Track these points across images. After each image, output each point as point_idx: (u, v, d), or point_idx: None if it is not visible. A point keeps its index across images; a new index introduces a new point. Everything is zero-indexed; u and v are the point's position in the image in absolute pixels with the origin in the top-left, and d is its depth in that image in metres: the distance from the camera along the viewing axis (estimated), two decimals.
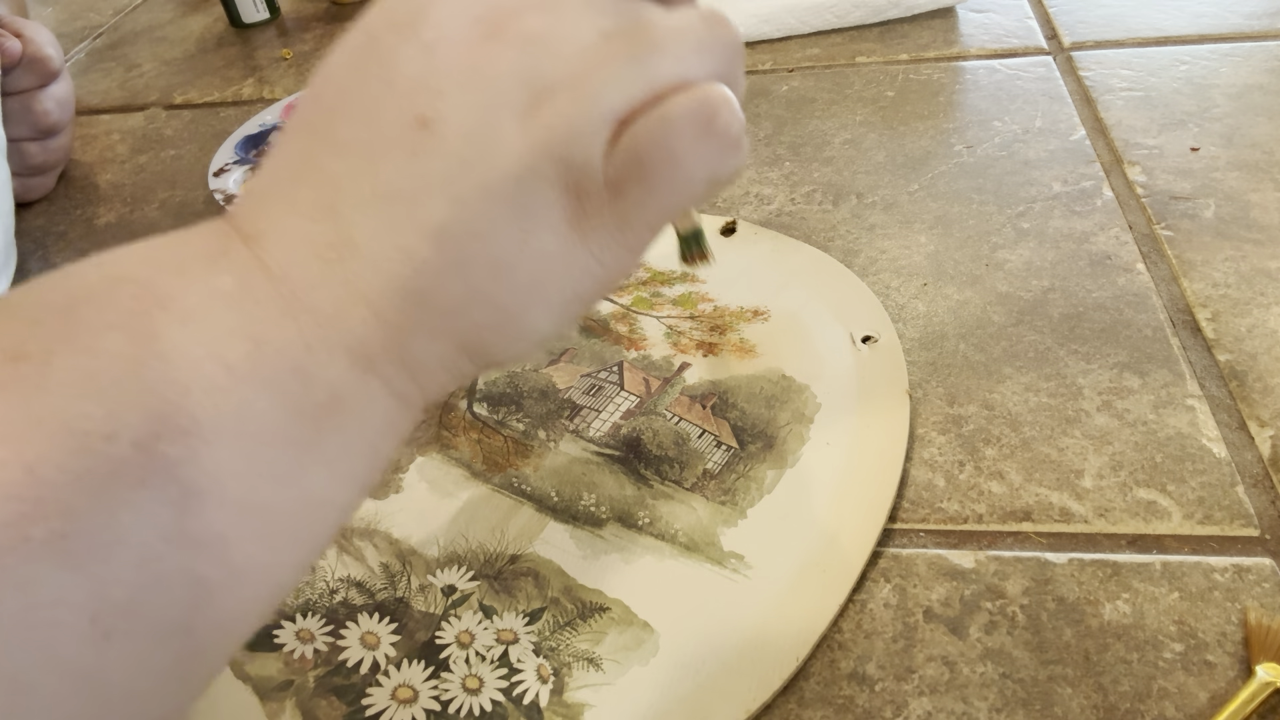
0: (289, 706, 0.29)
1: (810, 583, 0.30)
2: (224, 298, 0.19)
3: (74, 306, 0.18)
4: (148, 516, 0.17)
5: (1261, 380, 0.36)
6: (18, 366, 0.17)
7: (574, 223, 0.20)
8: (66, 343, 0.17)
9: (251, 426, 0.18)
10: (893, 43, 0.61)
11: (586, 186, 0.20)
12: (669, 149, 0.20)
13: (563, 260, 0.20)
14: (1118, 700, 0.27)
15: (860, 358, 0.38)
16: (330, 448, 0.19)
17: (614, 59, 0.20)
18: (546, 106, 0.19)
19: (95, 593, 0.16)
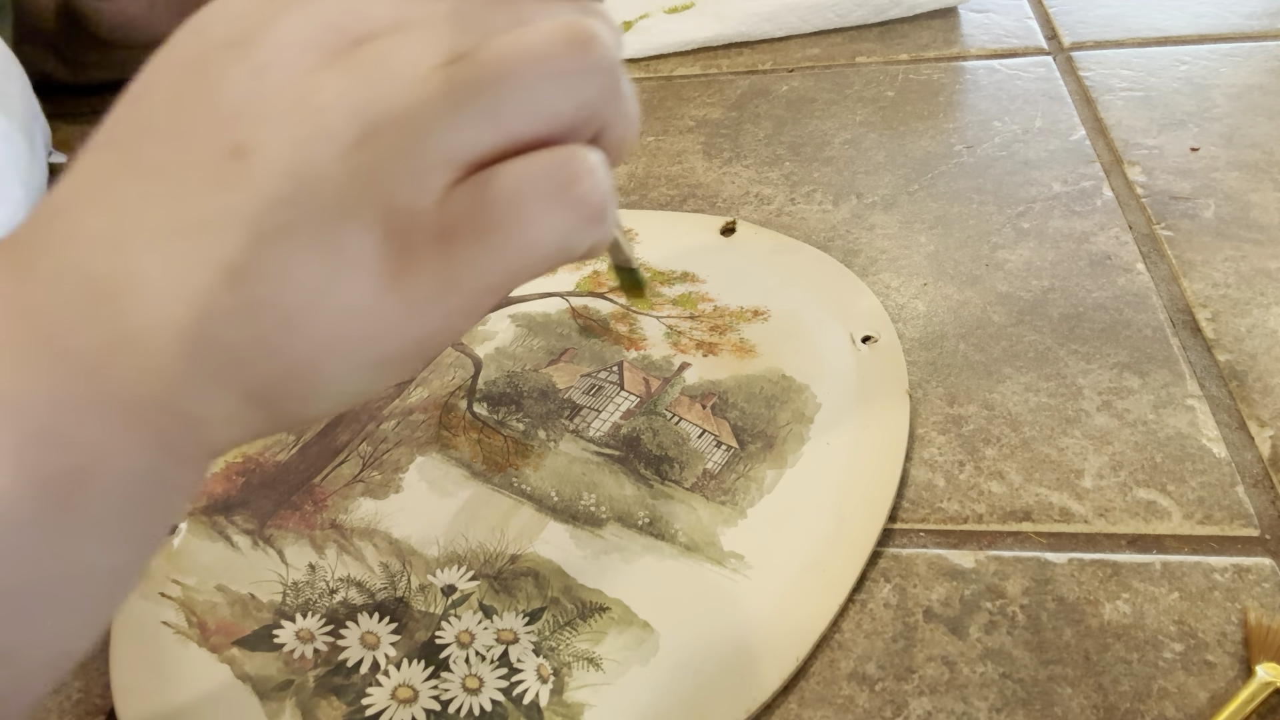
0: (289, 706, 0.29)
1: (810, 583, 0.30)
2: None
3: None
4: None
5: (1261, 380, 0.36)
6: None
7: (392, 276, 0.18)
8: None
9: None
10: (893, 43, 0.61)
11: (410, 237, 0.18)
12: (515, 208, 0.18)
13: (371, 316, 0.18)
14: (1118, 700, 0.27)
15: (860, 358, 0.38)
16: (90, 513, 0.17)
17: (454, 91, 0.18)
18: (374, 142, 0.17)
19: None
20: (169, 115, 0.18)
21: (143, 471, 0.18)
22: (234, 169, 0.17)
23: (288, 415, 0.19)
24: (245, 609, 0.31)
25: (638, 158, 0.53)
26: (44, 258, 0.17)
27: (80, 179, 0.18)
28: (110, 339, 0.17)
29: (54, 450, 0.17)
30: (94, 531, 0.17)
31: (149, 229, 0.17)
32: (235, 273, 0.17)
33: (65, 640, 0.18)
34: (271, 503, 0.35)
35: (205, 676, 0.29)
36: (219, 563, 0.33)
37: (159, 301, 0.17)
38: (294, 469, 0.36)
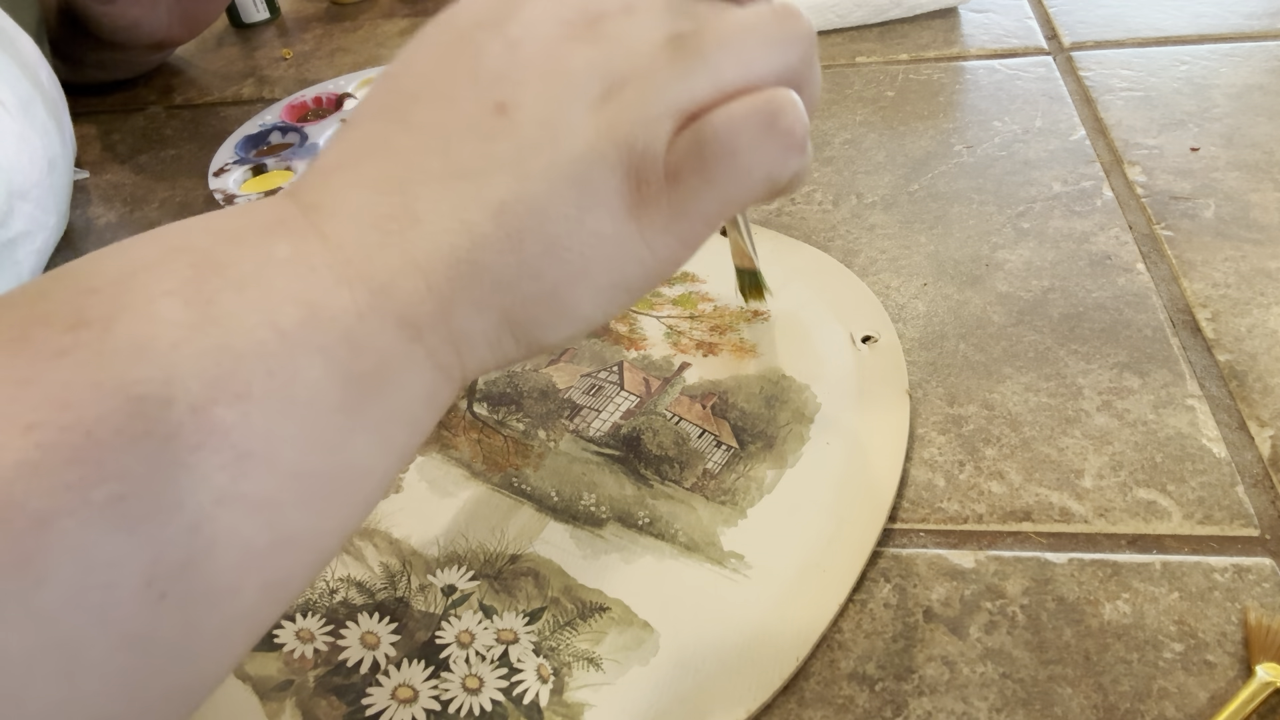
0: (289, 706, 0.29)
1: (810, 583, 0.30)
2: (279, 265, 0.19)
3: (132, 274, 0.18)
4: (202, 480, 0.17)
5: (1261, 380, 0.36)
6: (78, 333, 0.17)
7: (631, 209, 0.21)
8: (125, 309, 0.17)
9: (303, 392, 0.18)
10: (893, 43, 0.61)
11: (646, 174, 0.21)
12: (730, 142, 0.21)
13: (615, 244, 0.21)
14: (1118, 700, 0.27)
15: (860, 358, 0.38)
16: (375, 415, 0.20)
17: (683, 56, 0.21)
18: (616, 98, 0.21)
19: (152, 555, 0.16)
20: (435, 84, 0.21)
21: (418, 383, 0.20)
22: (498, 123, 0.20)
23: (534, 340, 0.22)
24: None
25: None
26: (332, 199, 0.20)
27: (350, 144, 0.21)
28: (398, 264, 0.20)
29: (354, 353, 0.19)
30: (376, 432, 0.20)
31: (427, 174, 0.20)
32: (503, 207, 0.20)
33: (333, 536, 0.20)
34: None
35: None
36: None
37: (438, 233, 0.20)
38: None
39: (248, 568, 0.18)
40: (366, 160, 0.21)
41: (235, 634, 0.19)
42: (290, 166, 0.54)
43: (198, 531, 0.17)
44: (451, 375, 0.21)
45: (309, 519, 0.19)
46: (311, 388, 0.18)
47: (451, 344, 0.21)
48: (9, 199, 0.44)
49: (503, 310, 0.21)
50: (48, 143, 0.48)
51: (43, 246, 0.47)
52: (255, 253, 0.19)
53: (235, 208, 0.21)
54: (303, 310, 0.19)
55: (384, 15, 0.77)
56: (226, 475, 0.17)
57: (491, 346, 0.21)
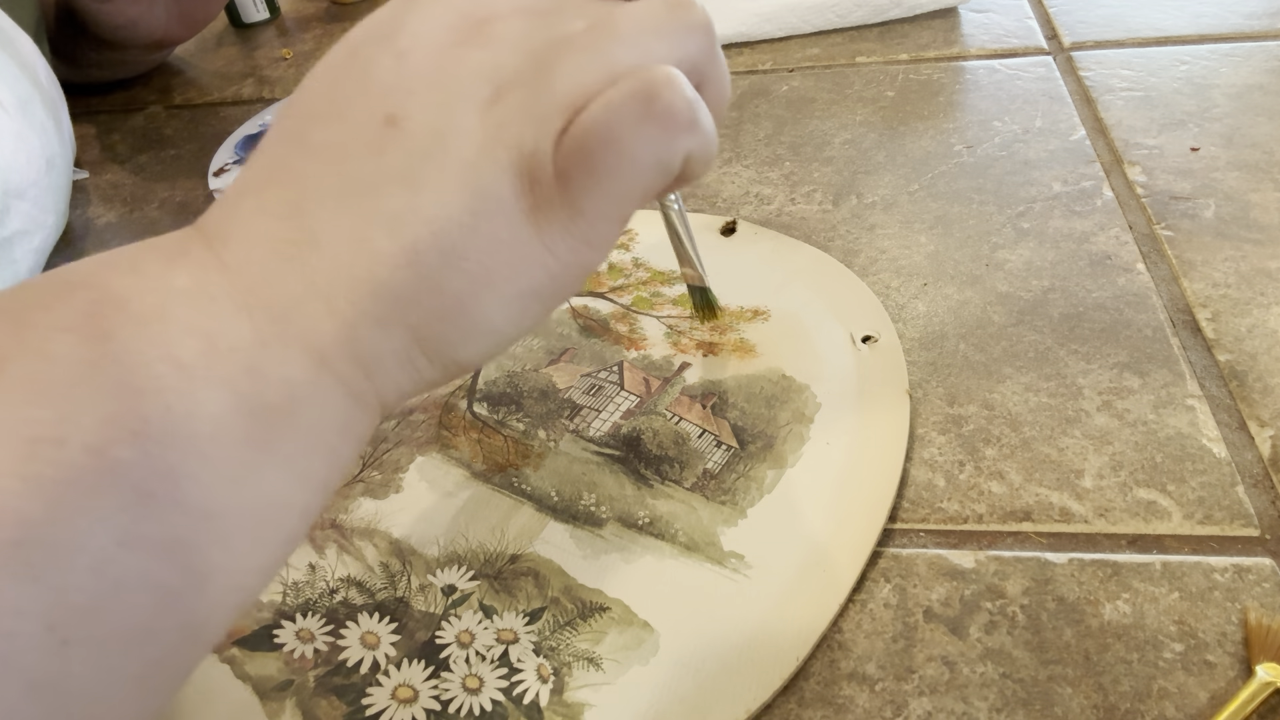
0: (289, 706, 0.29)
1: (810, 583, 0.30)
2: (178, 296, 0.19)
3: (26, 312, 0.18)
4: (103, 522, 0.16)
5: (1261, 380, 0.36)
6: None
7: (528, 213, 0.20)
8: (19, 348, 0.17)
9: (205, 428, 0.18)
10: (893, 43, 0.61)
11: (538, 175, 0.20)
12: (608, 131, 0.20)
13: (515, 249, 0.20)
14: (1118, 700, 0.27)
15: (860, 358, 0.38)
16: (286, 448, 0.19)
17: (571, 52, 0.21)
18: (505, 99, 0.20)
19: (53, 600, 0.16)
20: (329, 102, 0.21)
21: (330, 412, 0.20)
22: (389, 134, 0.20)
23: (448, 358, 0.21)
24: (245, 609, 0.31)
25: None
26: (236, 227, 0.20)
27: (255, 171, 0.21)
28: (299, 289, 0.19)
29: (258, 384, 0.19)
30: (287, 466, 0.19)
31: (324, 194, 0.20)
32: (397, 219, 0.20)
33: (254, 574, 0.20)
34: None
35: (205, 676, 0.29)
36: None
37: (336, 254, 0.20)
38: None
39: (160, 610, 0.17)
40: (269, 186, 0.21)
41: (155, 678, 0.18)
42: None
43: (101, 575, 0.16)
44: (366, 402, 0.21)
45: (224, 558, 0.18)
46: (214, 422, 0.18)
47: (361, 369, 0.20)
48: (6, 198, 0.44)
49: (409, 328, 0.20)
50: (46, 142, 0.48)
51: (40, 246, 0.47)
52: (155, 285, 0.19)
53: (141, 242, 0.20)
54: (202, 342, 0.18)
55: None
56: (128, 517, 0.17)
57: (404, 368, 0.21)
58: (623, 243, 0.45)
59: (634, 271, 0.43)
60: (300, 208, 0.20)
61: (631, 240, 0.45)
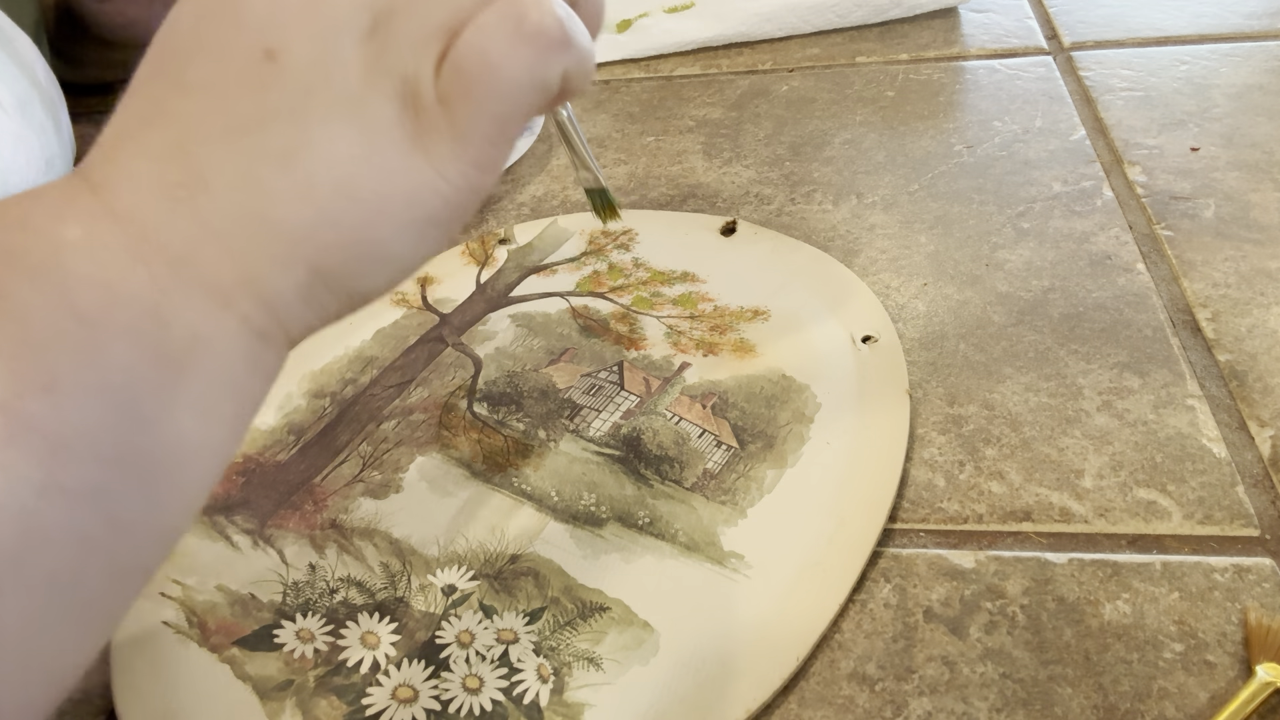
0: (289, 706, 0.29)
1: (810, 583, 0.30)
2: (71, 248, 0.19)
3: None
4: (18, 475, 0.17)
5: (1261, 380, 0.36)
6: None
7: (415, 139, 0.21)
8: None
9: (113, 376, 0.18)
10: (893, 43, 0.61)
11: (420, 100, 0.21)
12: (483, 55, 0.20)
13: (406, 176, 0.21)
14: (1118, 700, 0.27)
15: (860, 358, 0.38)
16: (194, 391, 0.19)
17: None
18: (383, 28, 0.20)
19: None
20: (203, 40, 0.21)
21: (236, 354, 0.20)
22: (268, 70, 0.20)
23: (353, 290, 0.21)
24: (245, 609, 0.31)
25: (638, 158, 0.53)
26: (118, 174, 0.20)
27: (132, 110, 0.21)
28: (193, 232, 0.19)
29: (161, 330, 0.19)
30: (197, 406, 0.19)
31: (209, 134, 0.20)
32: (287, 156, 0.20)
33: (176, 515, 0.20)
34: (272, 502, 0.35)
35: (205, 676, 0.29)
36: (219, 562, 0.33)
37: (228, 194, 0.19)
38: (294, 469, 0.36)
39: (86, 557, 0.18)
40: (147, 128, 0.20)
41: (90, 620, 0.19)
42: None
43: (22, 525, 0.17)
44: (272, 339, 0.21)
45: (143, 502, 0.19)
46: (122, 371, 0.18)
47: (264, 308, 0.20)
48: (5, 197, 0.44)
49: (309, 264, 0.20)
50: (45, 142, 0.48)
51: None
52: (46, 239, 0.19)
53: (23, 193, 0.20)
54: (101, 293, 0.18)
55: None
56: (43, 469, 0.17)
57: (308, 303, 0.21)
58: (623, 243, 0.45)
59: (634, 271, 0.43)
60: (185, 149, 0.20)
61: (632, 240, 0.45)
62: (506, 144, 0.22)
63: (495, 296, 0.43)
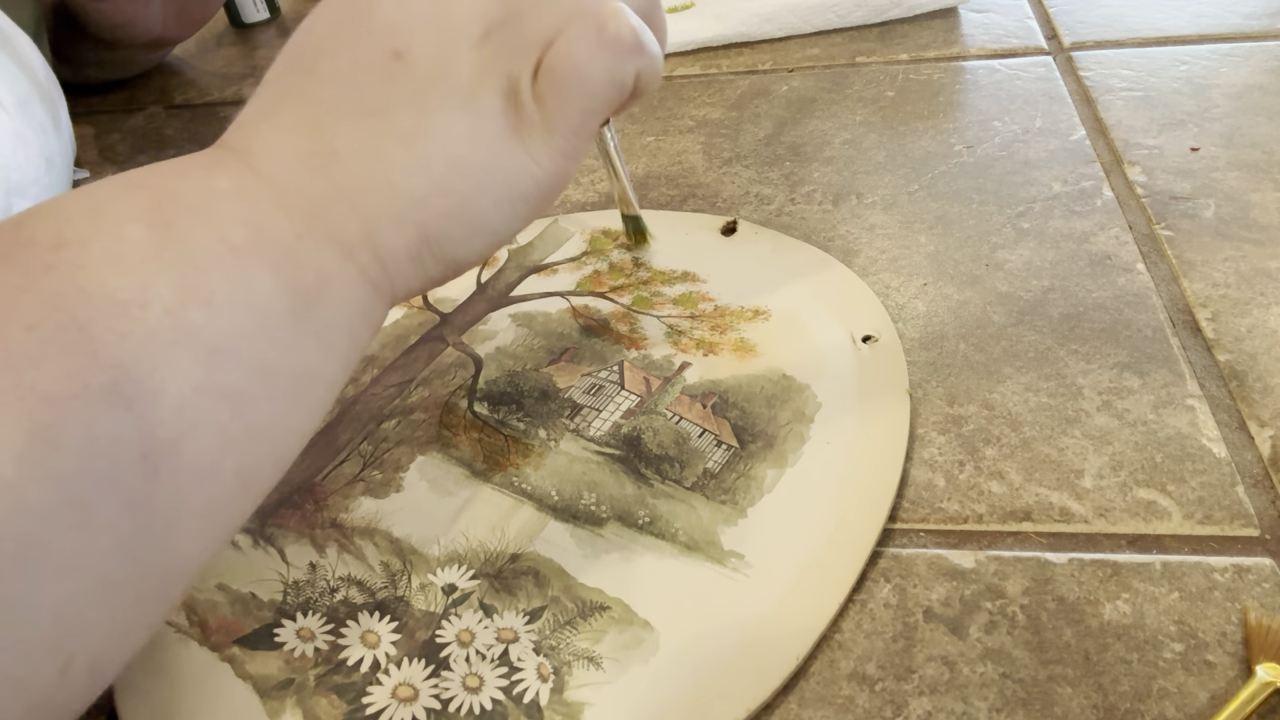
0: (289, 705, 0.29)
1: (810, 582, 0.30)
2: (224, 195, 0.22)
3: (99, 206, 0.21)
4: (181, 371, 0.20)
5: (1261, 380, 0.36)
6: (60, 252, 0.19)
7: (515, 128, 0.25)
8: (98, 232, 0.20)
9: (257, 299, 0.21)
10: (893, 43, 0.61)
11: (521, 98, 0.25)
12: (571, 59, 0.25)
13: (508, 158, 0.25)
14: (1118, 700, 0.27)
15: (860, 357, 0.38)
16: (319, 322, 0.23)
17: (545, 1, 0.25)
18: (494, 37, 0.24)
19: (145, 431, 0.19)
20: (336, 40, 0.24)
21: (353, 296, 0.24)
22: (396, 66, 0.24)
23: (451, 256, 0.25)
24: (246, 608, 0.31)
25: (638, 158, 0.53)
26: (260, 143, 0.23)
27: (270, 95, 0.24)
28: (326, 192, 0.23)
29: (297, 268, 0.22)
30: (321, 338, 0.23)
31: (340, 114, 0.23)
32: (409, 135, 0.24)
33: (294, 434, 0.23)
34: (272, 501, 0.35)
35: (206, 675, 0.29)
36: (219, 561, 0.33)
37: (357, 163, 0.23)
38: (295, 468, 0.36)
39: (225, 452, 0.21)
40: (285, 109, 0.24)
41: (216, 518, 0.21)
42: None
43: (182, 414, 0.19)
44: (381, 290, 0.24)
45: (273, 411, 0.22)
46: (265, 295, 0.21)
47: (379, 261, 0.24)
48: (6, 196, 0.44)
49: (420, 226, 0.24)
50: (45, 141, 0.48)
51: None
52: (202, 187, 0.22)
53: (176, 159, 0.23)
54: (250, 231, 0.21)
55: None
56: (202, 368, 0.20)
57: (414, 264, 0.24)
58: (623, 242, 0.45)
59: (634, 271, 0.43)
60: (319, 125, 0.23)
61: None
62: (589, 137, 0.26)
63: (496, 296, 0.43)
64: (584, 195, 0.50)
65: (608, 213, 0.48)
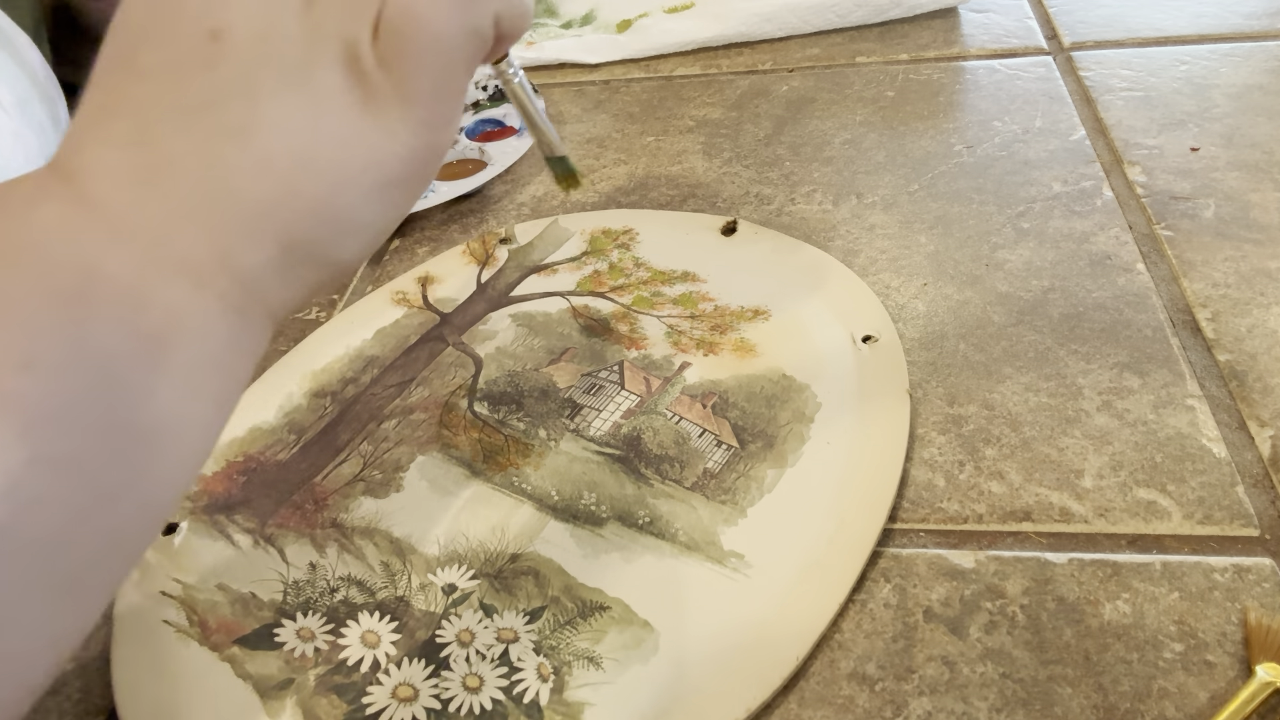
0: (289, 705, 0.29)
1: (810, 582, 0.30)
2: (49, 233, 0.19)
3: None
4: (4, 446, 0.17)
5: (1261, 380, 0.36)
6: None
7: (363, 104, 0.21)
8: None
9: (93, 354, 0.19)
10: (893, 43, 0.61)
11: (363, 65, 0.21)
12: (411, 11, 0.21)
13: (361, 142, 0.21)
14: (1118, 700, 0.27)
15: (860, 357, 0.38)
16: (177, 366, 0.20)
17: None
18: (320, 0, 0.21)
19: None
20: (151, 26, 0.21)
21: (215, 330, 0.21)
22: (215, 49, 0.20)
23: (328, 259, 0.22)
24: (246, 608, 0.31)
25: (638, 158, 0.53)
26: (87, 163, 0.20)
27: (94, 101, 0.21)
28: (163, 213, 0.20)
29: (139, 310, 0.19)
30: (180, 382, 0.20)
31: (163, 117, 0.20)
32: (242, 131, 0.20)
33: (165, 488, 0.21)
34: (272, 502, 0.35)
35: (206, 675, 0.29)
36: (220, 561, 0.33)
37: (191, 174, 0.20)
38: (295, 468, 0.36)
39: (75, 525, 0.19)
40: (109, 117, 0.21)
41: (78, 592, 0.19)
42: None
43: (14, 496, 0.17)
44: (250, 316, 0.21)
45: (130, 474, 0.19)
46: (102, 348, 0.19)
47: (239, 283, 0.21)
48: None
49: (278, 236, 0.21)
50: (44, 140, 0.48)
51: None
52: (23, 224, 0.19)
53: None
54: (79, 275, 0.19)
55: None
56: (28, 442, 0.18)
57: (284, 277, 0.21)
58: (623, 242, 0.45)
59: (634, 271, 0.43)
60: (146, 133, 0.20)
61: (632, 240, 0.45)
62: (453, 98, 0.23)
63: (496, 296, 0.43)
64: (584, 195, 0.50)
65: (608, 213, 0.48)
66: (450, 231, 0.49)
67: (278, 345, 0.43)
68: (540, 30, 0.68)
